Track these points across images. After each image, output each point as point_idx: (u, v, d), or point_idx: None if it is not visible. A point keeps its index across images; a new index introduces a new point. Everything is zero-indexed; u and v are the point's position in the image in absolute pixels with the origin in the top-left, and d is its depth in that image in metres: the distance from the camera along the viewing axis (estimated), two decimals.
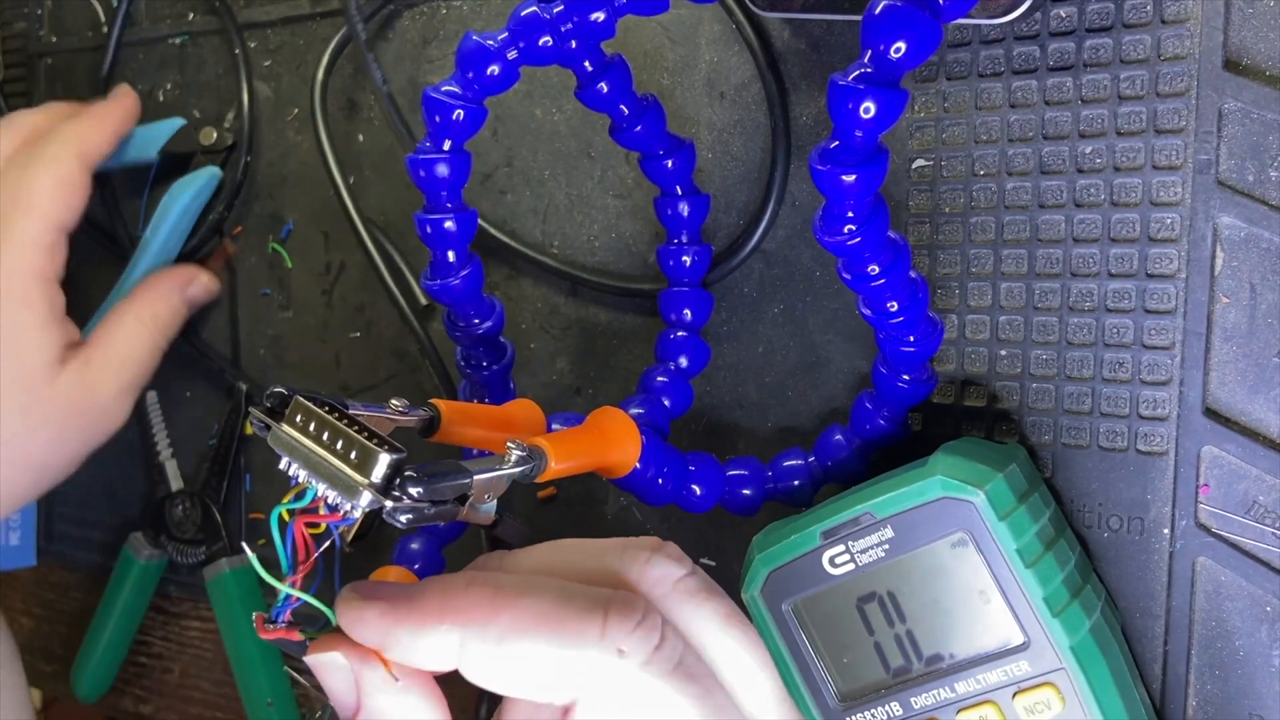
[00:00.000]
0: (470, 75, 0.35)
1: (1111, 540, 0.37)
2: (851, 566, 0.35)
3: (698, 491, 0.39)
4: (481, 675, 0.25)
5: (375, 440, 0.25)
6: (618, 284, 0.46)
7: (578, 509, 0.48)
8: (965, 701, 0.34)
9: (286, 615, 0.27)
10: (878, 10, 0.28)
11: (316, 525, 0.26)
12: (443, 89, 0.35)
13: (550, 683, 0.25)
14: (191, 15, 0.59)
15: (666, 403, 0.41)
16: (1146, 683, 0.36)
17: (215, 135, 0.57)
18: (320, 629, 0.27)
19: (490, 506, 0.28)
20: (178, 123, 0.58)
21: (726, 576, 0.44)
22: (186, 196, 0.56)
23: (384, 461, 0.25)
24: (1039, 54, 0.37)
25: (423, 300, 0.51)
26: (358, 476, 0.25)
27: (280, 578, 0.26)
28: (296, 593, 0.26)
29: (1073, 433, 0.37)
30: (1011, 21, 0.35)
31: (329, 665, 0.26)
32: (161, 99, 0.60)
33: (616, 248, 0.47)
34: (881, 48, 0.28)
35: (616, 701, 0.25)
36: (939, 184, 0.39)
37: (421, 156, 0.36)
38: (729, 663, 0.27)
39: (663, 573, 0.27)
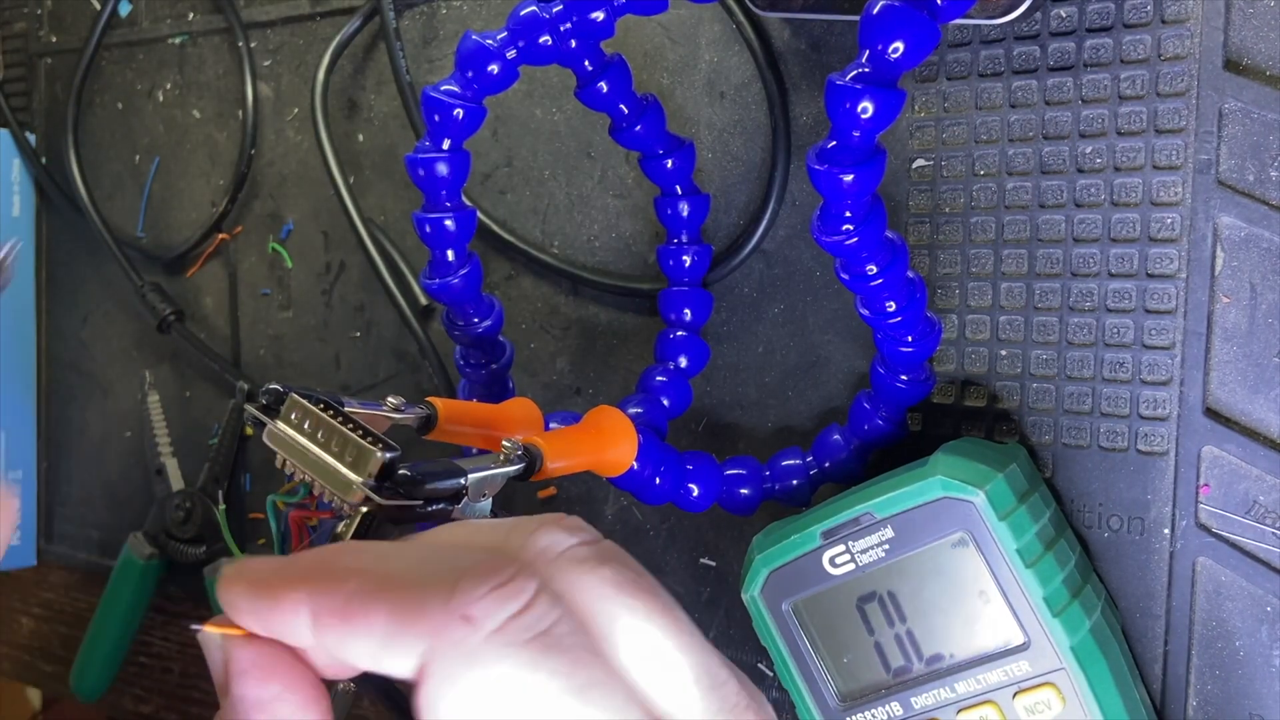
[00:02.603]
0: (469, 74, 0.35)
1: (1112, 540, 0.37)
2: (852, 566, 0.35)
3: (695, 491, 0.39)
4: (333, 648, 0.23)
5: (369, 439, 0.25)
6: (618, 283, 0.46)
7: (578, 508, 0.48)
8: (965, 701, 0.34)
9: None
10: (875, 10, 0.28)
11: (312, 519, 0.26)
12: (442, 88, 0.35)
13: (392, 651, 0.22)
14: (192, 15, 0.59)
15: (665, 402, 0.41)
16: (1147, 683, 0.36)
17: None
18: None
19: (485, 504, 0.28)
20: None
21: (726, 577, 0.44)
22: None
23: (378, 460, 0.25)
24: (1039, 54, 0.37)
25: (423, 300, 0.51)
26: (352, 475, 0.25)
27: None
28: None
29: (1073, 433, 0.37)
30: (1010, 22, 0.35)
31: (207, 641, 0.24)
32: (161, 99, 0.60)
33: (616, 247, 0.47)
34: (879, 48, 0.28)
35: (463, 673, 0.22)
36: (939, 184, 0.39)
37: (420, 155, 0.36)
38: (630, 637, 0.24)
39: (550, 541, 0.24)
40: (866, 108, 0.28)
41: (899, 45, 0.28)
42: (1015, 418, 0.38)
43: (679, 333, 0.43)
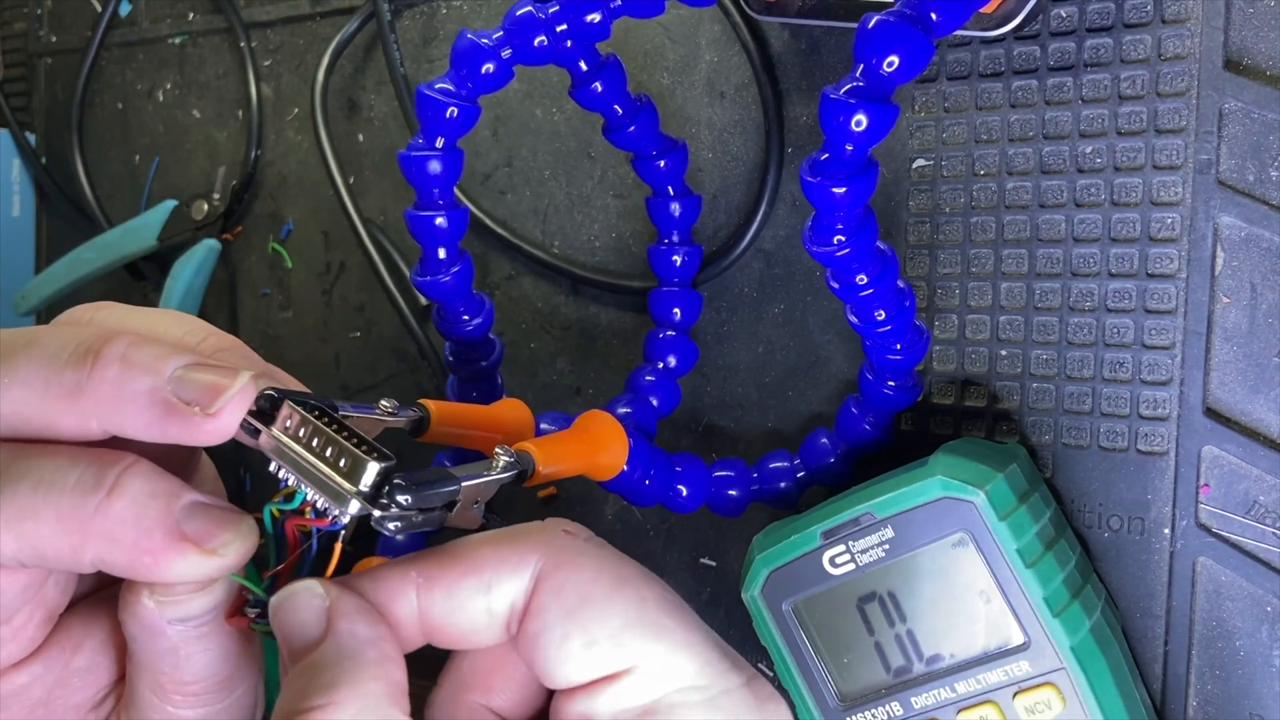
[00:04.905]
0: (464, 73, 0.35)
1: (1112, 540, 0.37)
2: (852, 566, 0.35)
3: (684, 492, 0.39)
4: (441, 599, 0.27)
5: (364, 447, 0.25)
6: (618, 283, 0.46)
7: (578, 509, 0.48)
8: (965, 701, 0.34)
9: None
10: (870, 25, 0.28)
11: (306, 526, 0.26)
12: (436, 86, 0.35)
13: (508, 570, 0.27)
14: (192, 15, 0.59)
15: (654, 402, 0.41)
16: (1147, 683, 0.36)
17: (206, 208, 0.57)
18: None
19: (478, 511, 0.28)
20: (169, 206, 0.58)
21: (726, 576, 0.44)
22: (188, 274, 0.56)
23: (373, 470, 0.25)
24: (1039, 54, 0.37)
25: (423, 301, 0.51)
26: (346, 484, 0.25)
27: (263, 570, 0.27)
28: (244, 581, 0.27)
29: (1073, 433, 0.37)
30: (1004, 34, 0.35)
31: (304, 592, 0.26)
32: (161, 99, 0.60)
33: (616, 247, 0.47)
34: (874, 62, 0.28)
35: (581, 561, 0.28)
36: (939, 184, 0.39)
37: (414, 153, 0.35)
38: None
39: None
40: (860, 121, 0.28)
41: (894, 60, 0.28)
42: (1015, 418, 0.38)
43: (668, 332, 0.43)
